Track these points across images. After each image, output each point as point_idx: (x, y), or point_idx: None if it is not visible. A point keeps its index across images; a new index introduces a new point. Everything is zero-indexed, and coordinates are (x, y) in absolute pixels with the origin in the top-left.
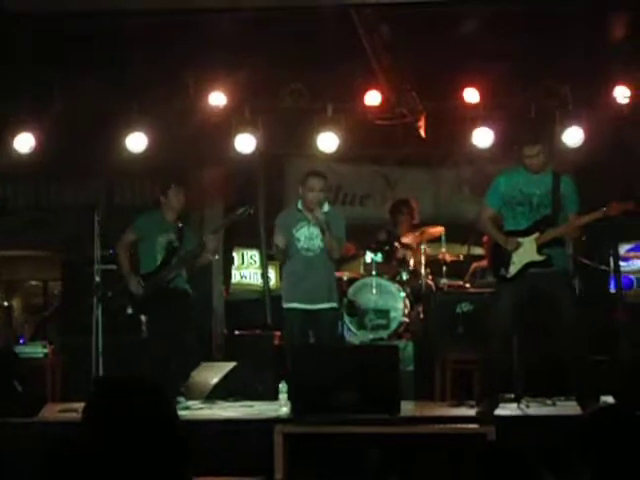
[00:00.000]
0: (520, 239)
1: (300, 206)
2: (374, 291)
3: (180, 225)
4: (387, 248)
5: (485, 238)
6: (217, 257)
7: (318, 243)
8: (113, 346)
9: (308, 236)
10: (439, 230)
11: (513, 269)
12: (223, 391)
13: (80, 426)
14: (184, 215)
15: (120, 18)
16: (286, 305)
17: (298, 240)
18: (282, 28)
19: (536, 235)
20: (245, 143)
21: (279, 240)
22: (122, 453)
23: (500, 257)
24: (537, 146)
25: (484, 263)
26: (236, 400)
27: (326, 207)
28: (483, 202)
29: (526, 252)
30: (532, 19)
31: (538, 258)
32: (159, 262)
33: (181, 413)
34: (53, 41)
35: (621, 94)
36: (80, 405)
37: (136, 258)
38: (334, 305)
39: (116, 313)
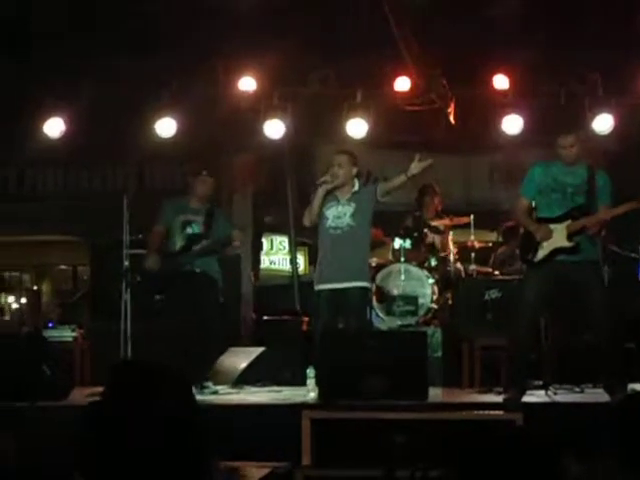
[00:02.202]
0: (552, 225)
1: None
2: (402, 277)
3: (209, 210)
4: (416, 234)
5: (508, 224)
6: (239, 250)
7: (347, 221)
8: (142, 331)
9: (336, 215)
10: (468, 217)
11: (541, 254)
12: (251, 376)
13: (98, 409)
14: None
15: (151, 2)
16: (316, 287)
17: (327, 219)
18: (312, 14)
19: (568, 222)
20: (274, 129)
21: (305, 218)
22: (138, 440)
23: (529, 242)
24: (571, 136)
25: (503, 249)
26: (264, 385)
27: (357, 186)
28: (518, 193)
29: (556, 238)
30: (562, 5)
31: (567, 244)
32: (178, 242)
33: (209, 398)
34: (84, 25)
35: None
36: None
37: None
38: (364, 284)
39: (145, 298)
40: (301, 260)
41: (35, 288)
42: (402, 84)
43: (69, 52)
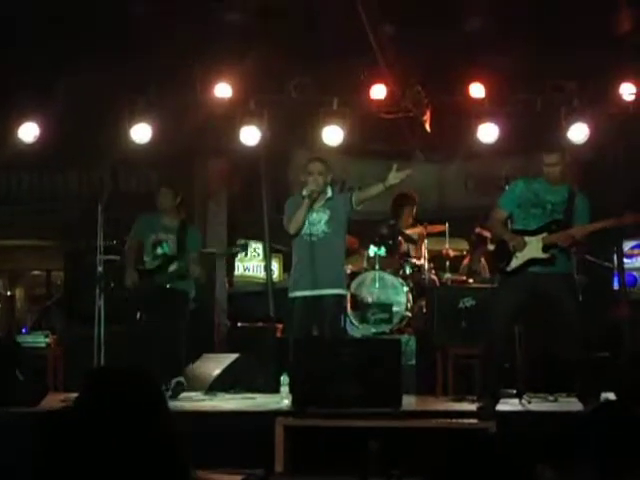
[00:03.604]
0: (527, 238)
1: (304, 193)
2: (377, 285)
3: (181, 226)
4: (391, 242)
5: (477, 231)
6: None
7: (322, 228)
8: (115, 336)
9: (311, 222)
10: (443, 225)
11: (514, 263)
12: (225, 383)
13: (71, 414)
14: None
15: (127, 6)
16: (290, 294)
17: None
18: (289, 21)
19: (544, 235)
20: (250, 135)
21: (287, 225)
22: (112, 445)
23: (503, 251)
24: (556, 155)
25: (473, 255)
26: (237, 392)
27: (330, 192)
28: (495, 202)
29: (530, 249)
30: (539, 14)
31: (541, 256)
32: (149, 260)
33: (182, 404)
34: (57, 29)
35: (627, 91)
36: None
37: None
38: (339, 292)
39: (118, 304)
40: (276, 267)
41: (9, 293)
42: (378, 92)
43: (44, 56)
